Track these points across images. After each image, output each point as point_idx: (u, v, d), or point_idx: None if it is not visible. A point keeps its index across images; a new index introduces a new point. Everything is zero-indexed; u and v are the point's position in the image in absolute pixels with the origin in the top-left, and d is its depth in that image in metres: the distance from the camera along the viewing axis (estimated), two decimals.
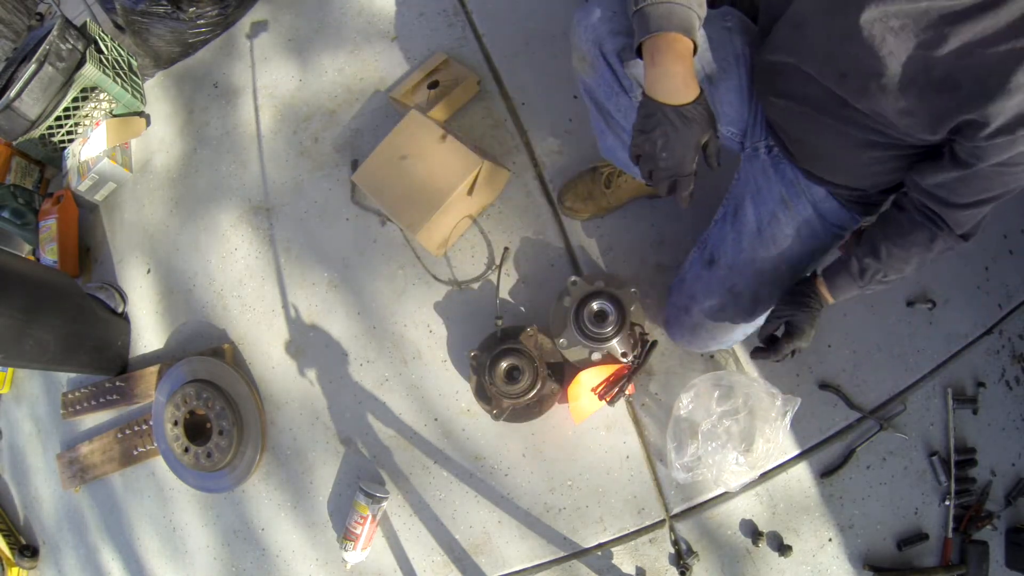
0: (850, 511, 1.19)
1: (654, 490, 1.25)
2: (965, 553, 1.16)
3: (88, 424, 1.72)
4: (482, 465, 1.35)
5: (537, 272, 1.39)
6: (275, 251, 1.60)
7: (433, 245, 1.40)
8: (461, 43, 1.58)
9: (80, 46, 1.71)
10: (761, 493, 1.22)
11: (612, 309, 1.23)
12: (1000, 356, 1.24)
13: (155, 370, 1.62)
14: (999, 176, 0.71)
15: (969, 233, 0.82)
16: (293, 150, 1.66)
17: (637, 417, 1.29)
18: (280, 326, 1.55)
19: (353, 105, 1.63)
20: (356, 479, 1.41)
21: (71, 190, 1.80)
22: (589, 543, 1.27)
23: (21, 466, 1.83)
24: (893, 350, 1.23)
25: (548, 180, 1.43)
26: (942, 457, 1.19)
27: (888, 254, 0.87)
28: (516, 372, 1.27)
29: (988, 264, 1.26)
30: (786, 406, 1.13)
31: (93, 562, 1.68)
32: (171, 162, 1.80)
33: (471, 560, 1.32)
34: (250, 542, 1.50)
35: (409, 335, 1.44)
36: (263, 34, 1.79)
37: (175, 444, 1.50)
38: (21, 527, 1.82)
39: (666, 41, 0.72)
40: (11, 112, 1.66)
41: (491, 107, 1.51)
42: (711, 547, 1.22)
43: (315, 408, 1.48)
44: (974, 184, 0.73)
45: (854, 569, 1.18)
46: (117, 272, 1.78)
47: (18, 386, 1.87)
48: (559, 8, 1.52)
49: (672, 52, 0.72)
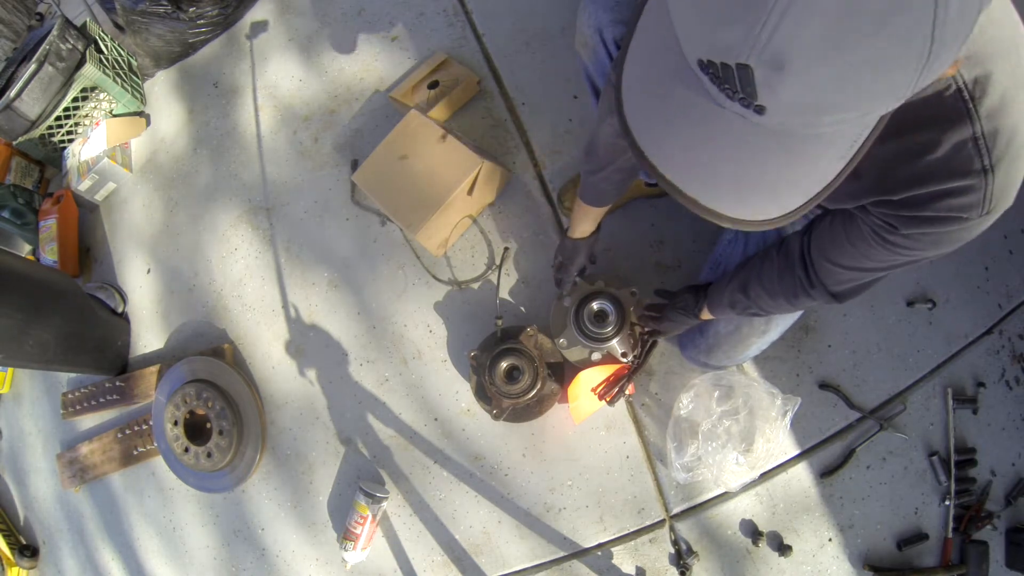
0: (850, 511, 1.19)
1: (654, 490, 1.25)
2: (965, 553, 1.16)
3: (88, 424, 1.72)
4: (482, 465, 1.35)
5: (537, 272, 1.39)
6: (275, 251, 1.60)
7: (433, 245, 1.40)
8: (461, 43, 1.58)
9: (80, 46, 1.71)
10: (761, 493, 1.22)
11: (612, 309, 1.23)
12: (1000, 356, 1.24)
13: (155, 370, 1.62)
14: (887, 248, 0.66)
15: (842, 294, 0.78)
16: (293, 150, 1.66)
17: (637, 417, 1.29)
18: (280, 326, 1.55)
19: (353, 105, 1.63)
20: (356, 479, 1.41)
21: (71, 190, 1.80)
22: (589, 543, 1.27)
23: (21, 466, 1.83)
24: (893, 350, 1.23)
25: (548, 180, 1.43)
26: (942, 457, 1.19)
27: (756, 295, 0.88)
28: (516, 372, 1.27)
29: (988, 264, 1.26)
30: (786, 406, 1.13)
31: (93, 562, 1.68)
32: (171, 162, 1.80)
33: (471, 560, 1.32)
34: (250, 542, 1.50)
35: (409, 335, 1.44)
36: (263, 34, 1.79)
37: (175, 444, 1.50)
38: (21, 527, 1.82)
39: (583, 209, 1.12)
40: (11, 112, 1.66)
41: (491, 107, 1.51)
42: (711, 547, 1.22)
43: (315, 408, 1.48)
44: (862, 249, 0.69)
45: (854, 569, 1.18)
46: (117, 272, 1.78)
47: (18, 386, 1.87)
48: (559, 8, 1.52)
49: (582, 211, 1.13)
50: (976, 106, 0.51)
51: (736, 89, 0.36)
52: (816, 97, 0.35)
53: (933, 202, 0.56)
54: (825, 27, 0.32)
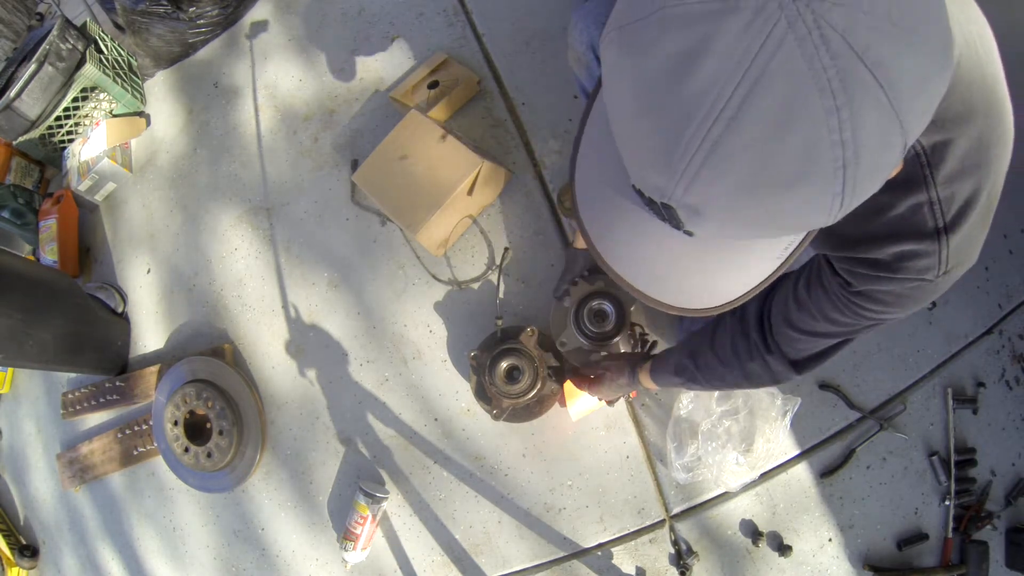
0: (850, 511, 1.19)
1: (654, 490, 1.25)
2: (965, 553, 1.16)
3: (88, 424, 1.72)
4: (482, 465, 1.35)
5: (537, 272, 1.39)
6: (275, 251, 1.60)
7: (433, 245, 1.40)
8: (461, 43, 1.57)
9: (80, 46, 1.71)
10: (761, 493, 1.22)
11: (612, 309, 1.23)
12: (1000, 356, 1.24)
13: (155, 370, 1.62)
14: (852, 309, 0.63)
15: (801, 363, 0.74)
16: (293, 150, 1.66)
17: (637, 417, 1.29)
18: (280, 326, 1.55)
19: (353, 105, 1.63)
20: (356, 479, 1.41)
21: (71, 190, 1.80)
22: (589, 543, 1.27)
23: (21, 466, 1.83)
24: (893, 350, 1.23)
25: (548, 180, 1.43)
26: (942, 457, 1.19)
27: (705, 363, 0.83)
28: (516, 372, 1.27)
29: (988, 264, 1.26)
30: (786, 406, 1.13)
31: (93, 562, 1.68)
32: (171, 162, 1.80)
33: (471, 560, 1.32)
34: (250, 542, 1.50)
35: (409, 335, 1.44)
36: (263, 34, 1.79)
37: (175, 444, 1.50)
38: (21, 527, 1.82)
39: None
40: (11, 112, 1.66)
41: (491, 107, 1.51)
42: (711, 547, 1.22)
43: (315, 408, 1.48)
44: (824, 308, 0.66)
45: (854, 569, 1.18)
46: (117, 272, 1.78)
47: (18, 386, 1.87)
48: (559, 8, 1.51)
49: None
50: (933, 172, 0.50)
51: (664, 217, 0.38)
52: (738, 233, 0.38)
53: (891, 261, 0.55)
54: (737, 188, 0.33)
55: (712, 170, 0.33)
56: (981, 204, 0.52)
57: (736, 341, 0.78)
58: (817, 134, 0.31)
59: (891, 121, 0.32)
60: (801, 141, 0.32)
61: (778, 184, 0.33)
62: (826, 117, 0.31)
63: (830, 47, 0.30)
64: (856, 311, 0.62)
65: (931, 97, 0.35)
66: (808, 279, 0.66)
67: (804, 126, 0.31)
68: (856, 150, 0.32)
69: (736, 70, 0.31)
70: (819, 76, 0.31)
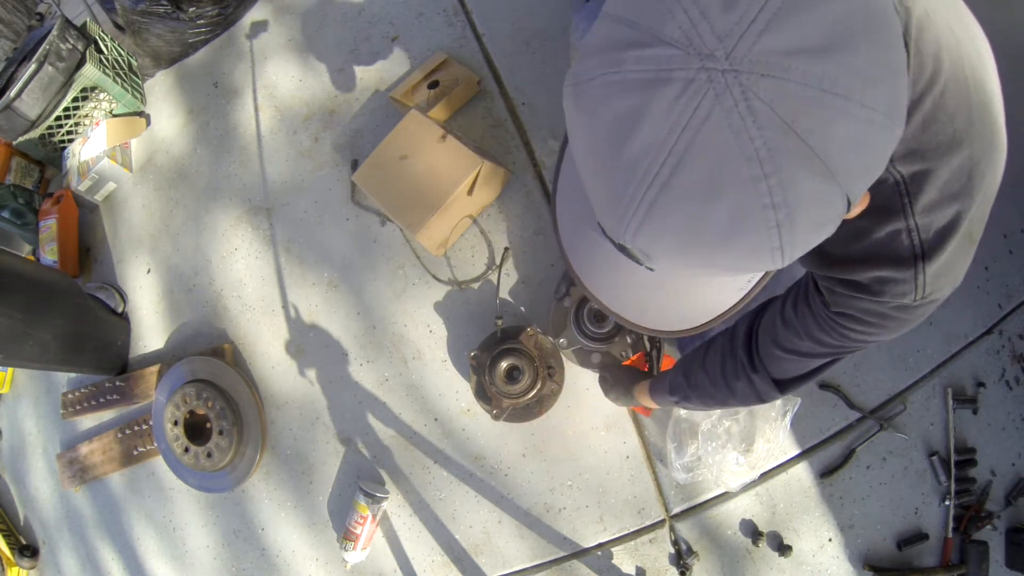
0: (850, 511, 1.19)
1: (654, 490, 1.25)
2: (965, 553, 1.16)
3: (88, 424, 1.72)
4: (482, 465, 1.35)
5: (537, 272, 1.39)
6: (275, 251, 1.60)
7: (433, 245, 1.40)
8: (461, 43, 1.57)
9: (80, 46, 1.71)
10: (761, 493, 1.22)
11: None
12: (1000, 356, 1.24)
13: (155, 370, 1.62)
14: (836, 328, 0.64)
15: (785, 383, 0.74)
16: (293, 150, 1.66)
17: (637, 417, 1.28)
18: (280, 326, 1.55)
19: (353, 105, 1.63)
20: (356, 479, 1.41)
21: (71, 190, 1.80)
22: (589, 543, 1.27)
23: (21, 466, 1.83)
24: (893, 350, 1.23)
25: (548, 180, 1.43)
26: (942, 457, 1.19)
27: (696, 381, 0.84)
28: (516, 372, 1.27)
29: (988, 264, 1.26)
30: (786, 406, 1.13)
31: (93, 562, 1.68)
32: (171, 162, 1.80)
33: (471, 560, 1.32)
34: (250, 542, 1.50)
35: (409, 335, 1.44)
36: (263, 34, 1.79)
37: (175, 444, 1.50)
38: (21, 527, 1.82)
39: None
40: (11, 112, 1.66)
41: (491, 107, 1.51)
42: (711, 547, 1.22)
43: (315, 408, 1.48)
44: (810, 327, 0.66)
45: (854, 569, 1.18)
46: (117, 272, 1.78)
47: (18, 386, 1.87)
48: (559, 8, 1.51)
49: None
50: (912, 200, 0.50)
51: (625, 254, 0.41)
52: (692, 271, 0.40)
53: (870, 284, 0.55)
54: (677, 242, 0.36)
55: (652, 226, 0.36)
56: (962, 231, 0.52)
57: (725, 359, 0.79)
58: (746, 199, 0.33)
59: (827, 182, 0.34)
60: (728, 207, 0.33)
61: (713, 242, 0.35)
62: (754, 184, 0.33)
63: (757, 118, 0.32)
64: (840, 331, 0.62)
65: (875, 153, 0.36)
66: (795, 298, 0.67)
67: (732, 193, 0.33)
68: (789, 212, 0.33)
69: (668, 139, 0.33)
70: (745, 146, 0.32)
